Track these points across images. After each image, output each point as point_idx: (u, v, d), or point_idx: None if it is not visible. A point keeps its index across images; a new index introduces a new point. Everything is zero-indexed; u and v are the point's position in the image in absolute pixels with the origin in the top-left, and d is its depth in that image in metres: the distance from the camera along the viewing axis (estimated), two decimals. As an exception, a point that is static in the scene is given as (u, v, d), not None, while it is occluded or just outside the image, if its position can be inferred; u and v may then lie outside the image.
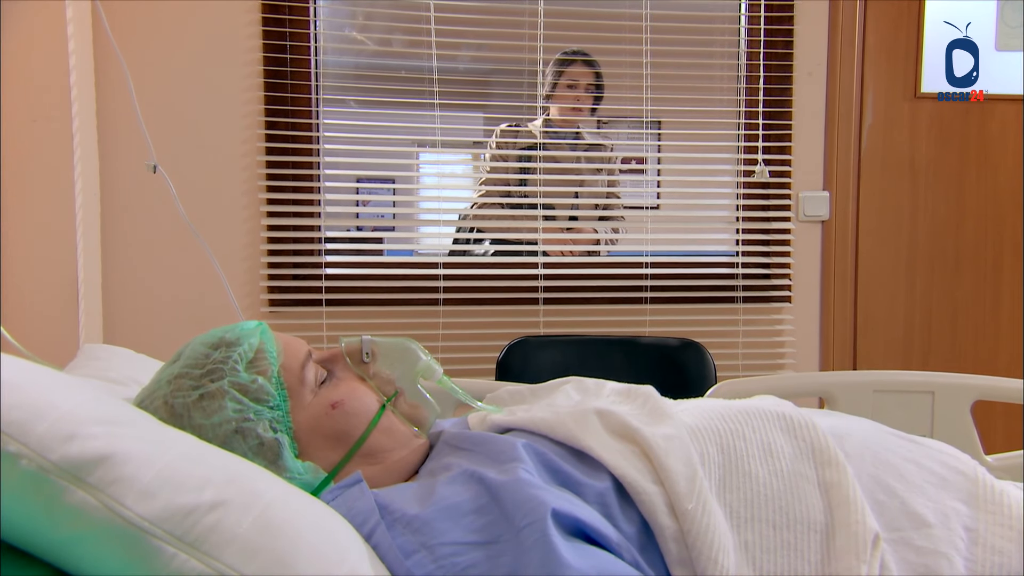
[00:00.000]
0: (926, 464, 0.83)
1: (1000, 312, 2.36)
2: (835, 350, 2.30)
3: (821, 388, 1.36)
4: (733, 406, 0.90)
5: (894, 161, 2.31)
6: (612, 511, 0.73)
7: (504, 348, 1.84)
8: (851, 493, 0.76)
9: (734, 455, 0.80)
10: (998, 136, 2.34)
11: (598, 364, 1.84)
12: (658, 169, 2.37)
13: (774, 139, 2.24)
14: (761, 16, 2.21)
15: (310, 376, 0.80)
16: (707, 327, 2.22)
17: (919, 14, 2.28)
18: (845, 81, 2.25)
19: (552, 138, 2.24)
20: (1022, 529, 0.77)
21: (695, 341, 1.88)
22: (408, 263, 2.19)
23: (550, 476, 0.74)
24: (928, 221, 2.34)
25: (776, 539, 0.74)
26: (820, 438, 0.82)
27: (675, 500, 0.73)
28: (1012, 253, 2.36)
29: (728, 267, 2.28)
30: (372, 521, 0.68)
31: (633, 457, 0.77)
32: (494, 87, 2.27)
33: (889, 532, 0.76)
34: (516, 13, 2.14)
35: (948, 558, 0.74)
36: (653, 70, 2.19)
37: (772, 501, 0.76)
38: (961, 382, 1.32)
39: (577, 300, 2.20)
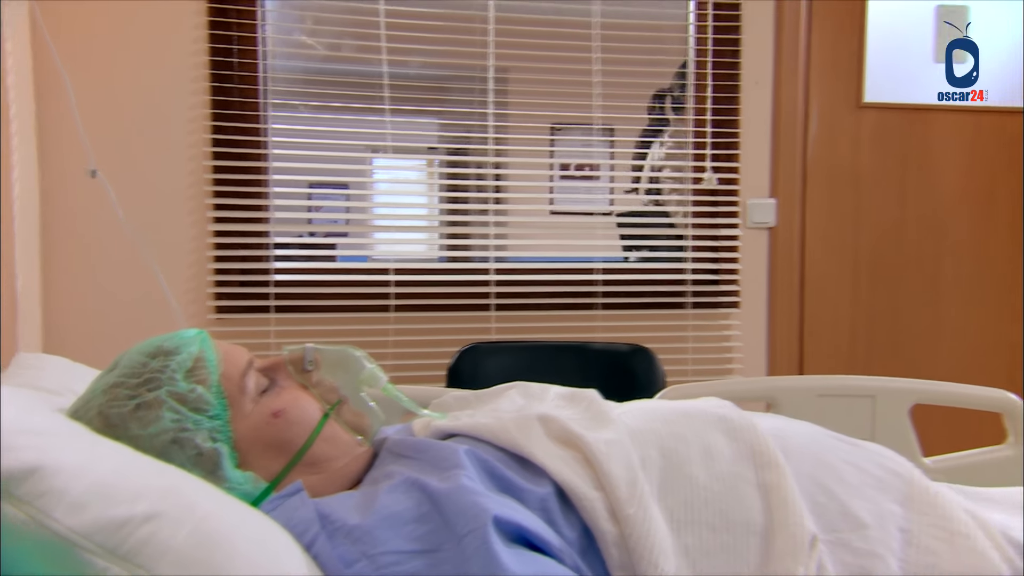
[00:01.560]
0: (864, 466, 0.84)
1: (940, 317, 2.42)
2: (782, 355, 2.33)
3: (766, 392, 1.38)
4: (675, 408, 0.91)
5: (838, 169, 2.36)
6: (554, 517, 0.73)
7: (455, 355, 1.83)
8: (789, 495, 0.77)
9: (675, 458, 0.81)
10: (938, 146, 2.40)
11: (549, 370, 1.85)
12: (611, 176, 2.39)
13: (722, 147, 2.27)
14: (709, 26, 2.24)
15: (251, 385, 0.79)
16: (657, 332, 2.24)
17: (861, 26, 2.33)
18: (790, 91, 2.29)
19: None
20: (954, 530, 0.78)
21: (644, 347, 1.89)
22: (359, 269, 2.18)
23: (492, 482, 0.74)
24: (871, 228, 2.38)
25: (715, 542, 0.75)
26: (760, 440, 0.83)
27: (616, 505, 0.73)
28: (952, 260, 2.42)
29: (678, 273, 2.30)
30: (312, 531, 0.68)
31: (575, 463, 0.77)
32: (446, 93, 2.27)
33: (827, 533, 0.77)
34: (468, 19, 2.14)
35: (883, 559, 0.76)
36: (604, 77, 2.21)
37: (711, 504, 0.77)
38: (900, 386, 1.35)
39: (530, 306, 2.21)
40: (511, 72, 2.33)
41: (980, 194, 2.42)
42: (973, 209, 2.42)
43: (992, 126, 2.41)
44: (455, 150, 2.35)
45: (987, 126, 2.41)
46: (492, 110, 2.18)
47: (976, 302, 2.43)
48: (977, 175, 2.41)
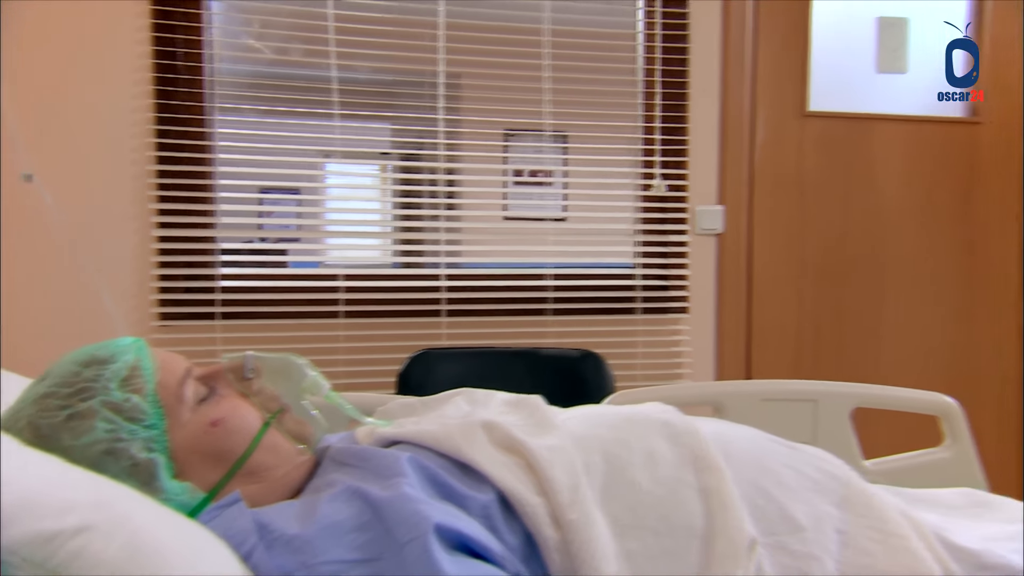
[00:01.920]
0: (803, 469, 0.86)
1: (883, 323, 2.46)
2: (729, 360, 2.36)
3: (711, 397, 1.40)
4: (619, 414, 0.92)
5: (784, 177, 2.40)
6: (496, 523, 0.73)
7: (405, 361, 1.82)
8: (729, 499, 0.78)
9: (618, 463, 0.81)
10: (880, 154, 2.45)
11: (499, 375, 1.85)
12: (565, 183, 2.40)
13: (671, 154, 2.30)
14: (657, 34, 2.26)
15: (188, 394, 0.78)
16: (608, 338, 2.26)
17: (805, 36, 2.38)
18: (737, 99, 2.32)
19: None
20: (889, 531, 0.80)
21: (594, 352, 1.90)
22: (307, 275, 2.15)
23: (434, 490, 0.74)
24: (816, 235, 2.42)
25: (657, 546, 0.76)
26: (701, 445, 0.84)
27: (558, 511, 0.74)
28: (894, 266, 2.46)
29: (628, 279, 2.32)
30: (250, 542, 0.67)
31: (517, 469, 0.77)
32: (398, 98, 2.26)
33: (766, 536, 0.78)
34: (418, 25, 2.14)
35: (820, 560, 0.77)
36: (554, 84, 2.22)
37: (654, 508, 0.78)
38: (841, 390, 1.38)
39: (481, 312, 2.21)
40: (464, 78, 2.33)
41: (920, 201, 2.47)
42: (914, 216, 2.47)
43: (932, 135, 2.47)
44: (408, 155, 2.34)
45: (927, 135, 2.46)
46: (443, 116, 2.17)
47: (917, 308, 2.48)
48: (917, 183, 2.47)
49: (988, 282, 2.51)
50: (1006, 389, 2.52)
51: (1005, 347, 2.52)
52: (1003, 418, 2.52)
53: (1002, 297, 2.52)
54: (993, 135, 2.49)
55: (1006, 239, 2.51)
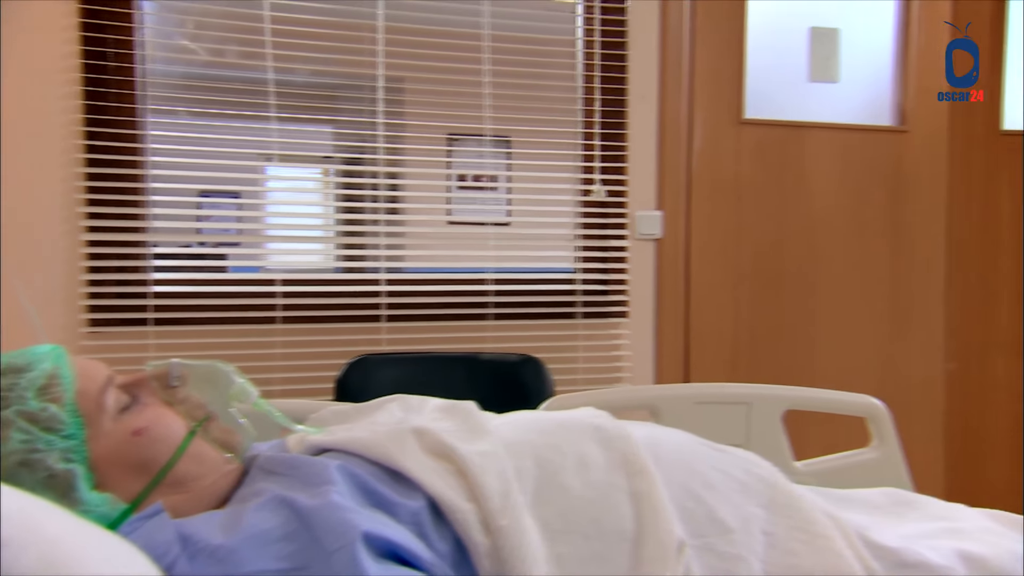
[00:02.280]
0: (731, 472, 0.87)
1: (816, 327, 2.51)
2: (668, 364, 2.39)
3: (647, 401, 1.41)
4: (551, 419, 0.92)
5: (721, 183, 2.43)
6: (426, 530, 0.73)
7: (343, 367, 1.81)
8: (659, 502, 0.79)
9: (549, 468, 0.82)
10: (813, 161, 2.50)
11: (439, 381, 1.84)
12: (509, 187, 2.40)
13: (611, 160, 2.32)
14: (596, 41, 2.28)
15: (109, 402, 0.76)
16: (548, 342, 2.27)
17: (740, 45, 2.42)
18: (675, 106, 2.36)
19: None
20: (814, 531, 0.82)
21: (534, 357, 1.91)
22: (243, 280, 2.12)
23: (364, 498, 0.73)
24: (752, 241, 2.46)
25: (588, 550, 0.76)
26: (632, 448, 0.85)
27: (488, 517, 0.74)
28: (826, 272, 2.51)
29: (568, 283, 2.33)
30: (172, 553, 0.66)
31: (448, 475, 0.77)
32: (338, 101, 2.24)
33: (695, 538, 0.79)
34: (357, 28, 2.12)
35: (746, 561, 0.79)
36: (496, 89, 2.23)
37: (585, 512, 0.78)
38: (773, 393, 1.40)
39: (421, 317, 2.20)
40: (407, 82, 2.32)
41: (851, 208, 2.52)
42: (845, 223, 2.52)
43: (862, 143, 2.53)
44: (349, 159, 2.32)
45: (857, 143, 2.52)
46: (383, 119, 2.16)
47: (849, 313, 2.53)
48: (849, 190, 2.52)
49: (915, 288, 2.58)
50: (932, 392, 2.59)
51: (931, 352, 2.59)
52: (930, 420, 2.59)
53: (928, 303, 2.59)
54: (919, 143, 2.56)
55: (932, 246, 2.58)
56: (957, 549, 0.83)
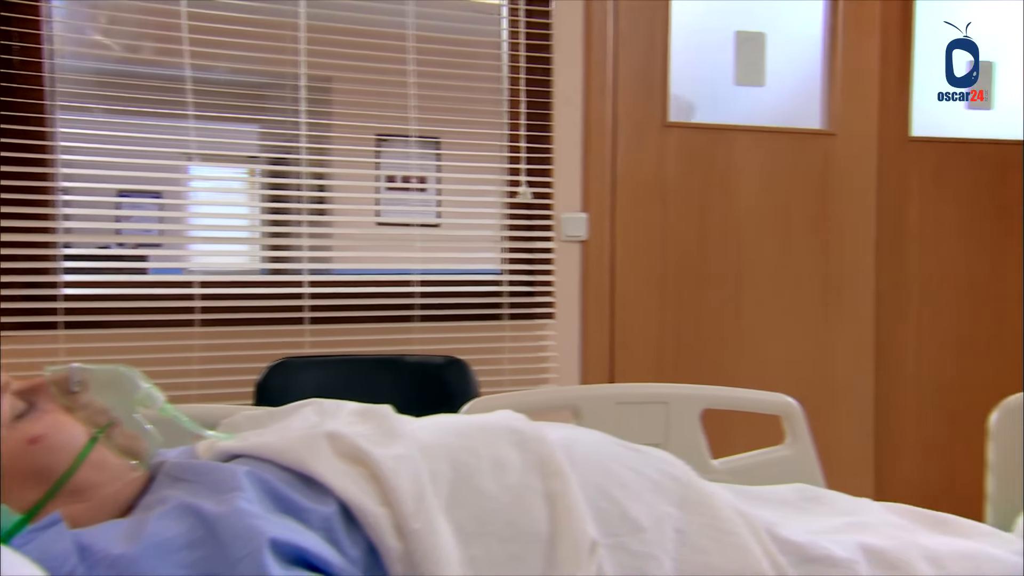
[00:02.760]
0: (644, 471, 0.89)
1: (744, 326, 2.55)
2: (594, 365, 2.41)
3: (569, 402, 1.42)
4: (468, 423, 0.92)
5: (646, 186, 2.46)
6: (337, 536, 0.72)
7: (264, 371, 1.77)
8: (573, 503, 0.80)
9: (465, 471, 0.82)
10: (738, 163, 2.53)
11: (363, 384, 1.83)
12: (438, 188, 2.39)
13: (536, 162, 2.33)
14: (521, 43, 2.29)
15: (4, 409, 0.73)
16: (475, 344, 2.26)
17: (665, 49, 2.45)
18: (600, 109, 2.38)
19: None
20: (724, 528, 0.84)
21: (459, 358, 1.91)
22: (159, 282, 2.06)
23: (273, 504, 0.72)
24: (677, 243, 2.49)
25: (502, 552, 0.77)
26: (548, 450, 0.86)
27: (401, 520, 0.73)
28: (753, 272, 2.55)
29: (494, 285, 2.34)
30: (69, 564, 0.63)
31: (361, 480, 0.76)
32: (260, 100, 2.20)
33: (608, 538, 0.80)
34: (277, 26, 2.08)
35: (658, 560, 0.80)
36: (422, 90, 2.22)
37: (500, 515, 0.79)
38: (691, 392, 1.42)
39: (346, 319, 2.17)
40: (334, 81, 2.29)
41: (778, 210, 2.56)
42: (772, 225, 2.56)
43: (788, 146, 2.57)
44: (275, 159, 2.28)
45: (783, 146, 2.56)
46: (306, 119, 2.13)
47: (777, 314, 2.57)
48: (775, 193, 2.56)
49: (843, 289, 2.63)
50: (861, 391, 2.65)
51: (860, 352, 2.65)
52: (858, 419, 2.65)
53: (857, 303, 2.64)
54: (846, 145, 2.61)
55: (861, 247, 2.63)
56: (860, 542, 0.85)
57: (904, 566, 0.83)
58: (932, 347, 2.71)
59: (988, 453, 1.34)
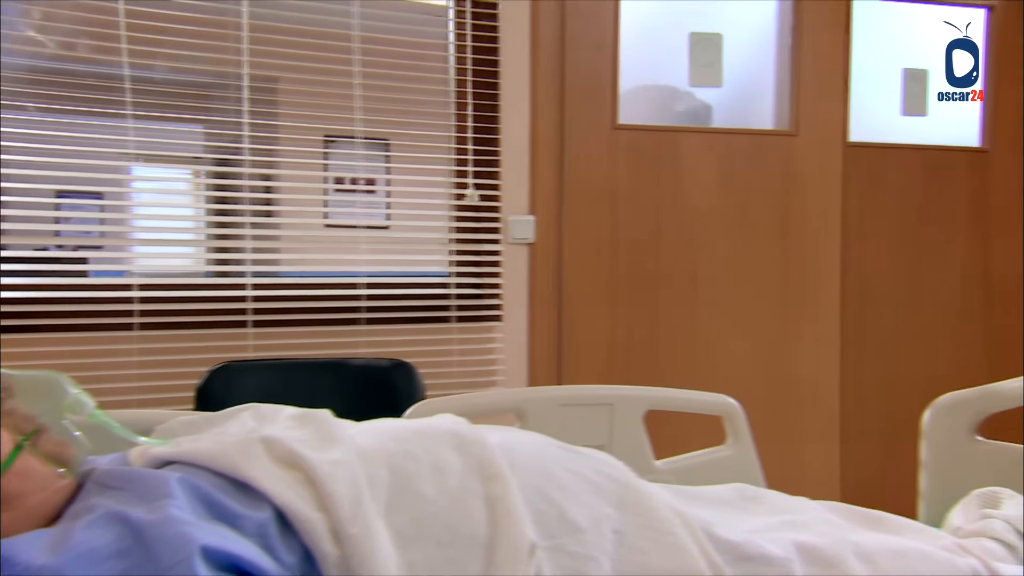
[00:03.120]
0: (584, 473, 0.89)
1: (700, 327, 2.55)
2: (542, 367, 2.42)
3: (513, 404, 1.41)
4: (408, 427, 0.91)
5: (594, 188, 2.47)
6: (272, 542, 0.71)
7: (204, 375, 1.74)
8: (513, 505, 0.80)
9: (403, 475, 0.81)
10: (689, 164, 2.53)
11: (306, 388, 1.81)
12: (383, 191, 2.38)
13: (484, 164, 2.33)
14: (468, 45, 2.29)
15: (-77, 417, 0.70)
16: (422, 347, 2.26)
17: (615, 51, 2.45)
18: (548, 112, 2.38)
19: None
20: (661, 528, 0.84)
21: (405, 361, 1.90)
22: (97, 285, 2.02)
23: (205, 510, 0.71)
24: (628, 244, 2.50)
25: (441, 556, 0.76)
26: (488, 454, 0.85)
27: (338, 525, 0.72)
28: (710, 273, 2.55)
29: (442, 287, 2.33)
30: (-11, 577, 0.61)
31: (297, 485, 0.75)
32: (202, 100, 2.17)
33: (547, 540, 0.80)
34: (219, 25, 2.05)
35: (596, 561, 0.80)
36: (370, 92, 2.20)
37: (439, 518, 0.78)
38: (635, 394, 1.43)
39: (291, 322, 2.15)
40: (280, 82, 2.27)
41: (736, 211, 2.56)
42: (730, 225, 2.56)
43: (743, 146, 2.57)
44: (220, 160, 2.24)
45: (738, 146, 2.57)
46: (249, 119, 2.10)
47: (736, 314, 2.58)
48: (732, 193, 2.56)
49: (806, 289, 2.62)
50: (826, 391, 2.65)
51: (824, 351, 2.65)
52: (824, 420, 2.65)
53: (821, 303, 2.64)
54: (808, 145, 2.61)
55: (825, 246, 2.64)
56: (795, 540, 0.87)
57: (837, 563, 0.85)
58: (872, 345, 2.75)
59: (921, 451, 1.38)
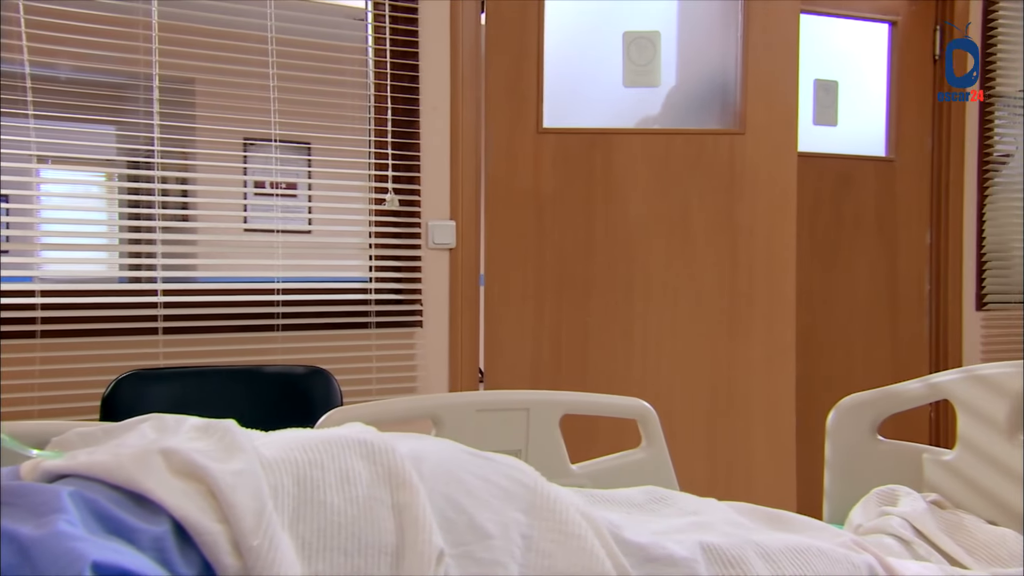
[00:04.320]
0: (493, 479, 0.89)
1: (632, 334, 2.50)
2: (464, 373, 2.41)
3: (428, 411, 1.41)
4: (315, 436, 0.90)
5: (518, 192, 2.46)
6: (170, 556, 0.69)
7: (110, 384, 1.69)
8: (420, 513, 0.80)
9: (310, 485, 0.80)
10: (623, 168, 2.48)
11: (219, 397, 1.77)
12: (309, 195, 2.34)
13: (403, 169, 2.32)
14: (387, 49, 2.28)
15: None
16: (341, 353, 2.23)
17: (539, 53, 2.44)
18: (468, 117, 2.38)
19: None
20: (568, 532, 0.85)
21: (321, 368, 1.87)
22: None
23: (99, 525, 0.68)
24: (556, 249, 2.47)
25: (347, 566, 0.75)
26: (396, 461, 0.85)
27: (240, 537, 0.71)
28: (643, 278, 2.50)
29: (362, 293, 2.31)
30: None
31: (197, 496, 0.74)
32: (111, 100, 2.10)
33: (455, 547, 0.80)
34: (127, 24, 1.99)
35: (504, 566, 0.80)
36: (282, 94, 2.17)
37: (345, 528, 0.77)
38: (550, 398, 1.44)
39: (204, 329, 2.10)
40: (197, 83, 2.22)
41: (674, 215, 2.49)
42: (668, 229, 2.49)
43: (680, 148, 2.50)
44: (131, 163, 2.17)
45: (676, 148, 2.50)
46: (160, 121, 2.05)
47: (676, 320, 2.52)
48: (671, 196, 2.49)
49: (755, 296, 2.53)
50: (778, 400, 2.55)
51: (777, 358, 2.54)
52: (776, 429, 2.55)
53: (772, 311, 2.54)
54: (756, 145, 2.52)
55: (775, 250, 2.54)
56: (700, 541, 0.89)
57: (739, 563, 0.87)
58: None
59: (825, 451, 1.42)
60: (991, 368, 1.32)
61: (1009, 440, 1.26)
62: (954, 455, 1.34)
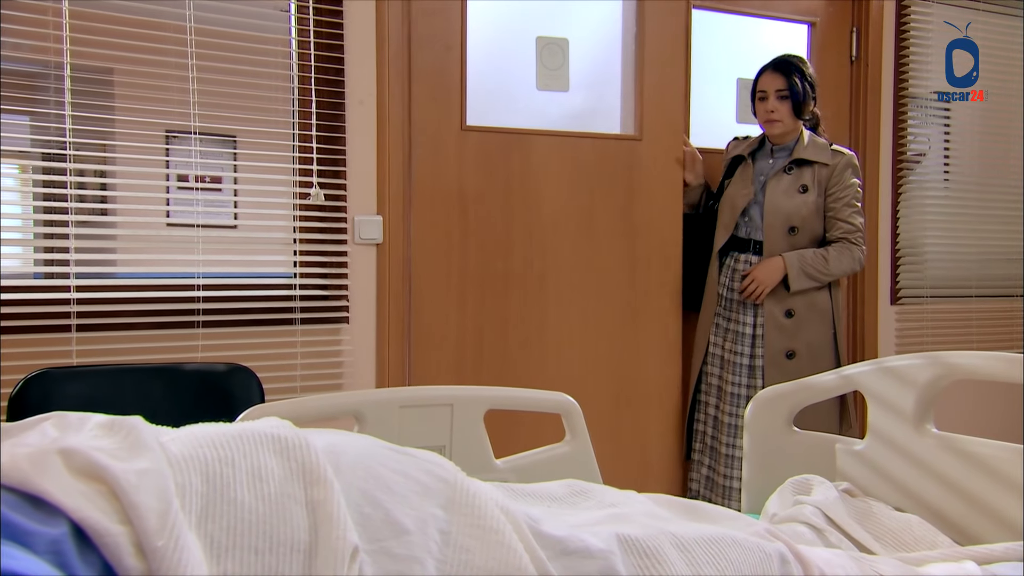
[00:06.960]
0: (412, 474, 0.88)
1: (547, 331, 2.58)
2: (391, 369, 2.39)
3: (351, 407, 1.39)
4: (227, 432, 0.88)
5: (443, 189, 2.46)
6: (68, 559, 0.66)
7: (18, 383, 1.62)
8: (334, 510, 0.78)
9: (220, 483, 0.78)
10: (539, 168, 2.56)
11: (135, 395, 1.71)
12: (234, 189, 2.29)
13: (329, 163, 2.29)
14: (311, 41, 2.24)
15: None
16: (264, 350, 2.19)
17: (462, 53, 2.46)
18: (395, 113, 2.35)
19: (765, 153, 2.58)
20: (487, 526, 0.85)
21: (243, 366, 1.83)
22: None
23: (-10, 528, 0.65)
24: (478, 245, 2.50)
25: (258, 564, 0.74)
26: (311, 457, 0.83)
27: (144, 538, 0.69)
28: (555, 274, 2.58)
29: (286, 288, 2.27)
30: None
31: (98, 497, 0.71)
32: (22, 90, 2.01)
33: (370, 543, 0.79)
34: (37, 11, 1.92)
35: (420, 562, 0.80)
36: (202, 85, 2.12)
37: (256, 526, 0.76)
38: (475, 394, 1.44)
39: (121, 326, 2.03)
40: (116, 74, 2.15)
41: (582, 214, 2.60)
42: (577, 228, 2.60)
43: (591, 151, 2.62)
44: (45, 155, 2.09)
45: (583, 151, 2.61)
46: (71, 111, 1.98)
47: (584, 316, 2.62)
48: (579, 196, 2.59)
49: (650, 291, 2.69)
50: (668, 390, 2.73)
51: (667, 352, 2.72)
52: (666, 417, 2.73)
53: (663, 305, 2.71)
54: (651, 150, 2.67)
55: (667, 249, 2.71)
56: (616, 533, 0.89)
57: (654, 553, 0.88)
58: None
59: (744, 442, 1.45)
60: (900, 360, 1.36)
61: (915, 429, 1.31)
62: (864, 445, 1.38)
